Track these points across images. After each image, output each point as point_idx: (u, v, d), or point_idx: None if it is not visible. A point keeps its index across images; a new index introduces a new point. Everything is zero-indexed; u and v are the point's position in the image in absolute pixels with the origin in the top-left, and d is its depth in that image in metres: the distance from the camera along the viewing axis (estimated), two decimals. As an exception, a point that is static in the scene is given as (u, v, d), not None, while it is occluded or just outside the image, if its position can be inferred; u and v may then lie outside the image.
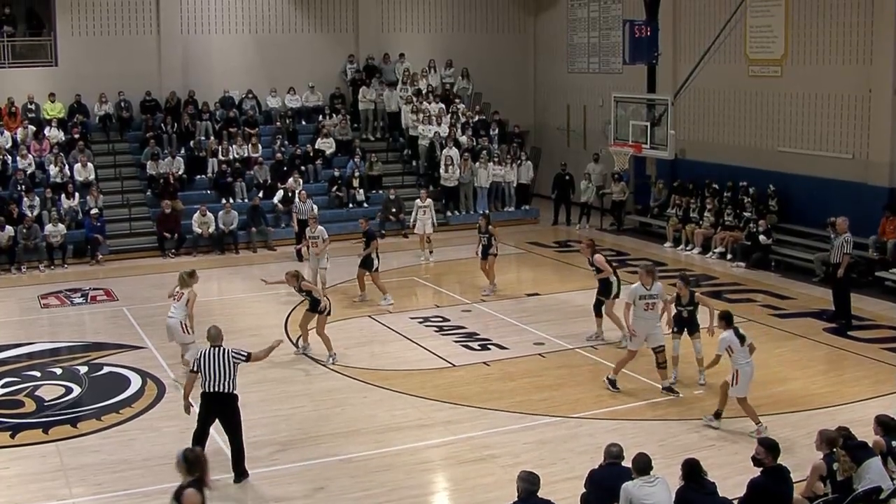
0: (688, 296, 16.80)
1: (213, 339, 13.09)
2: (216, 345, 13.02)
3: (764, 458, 10.62)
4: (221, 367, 12.77)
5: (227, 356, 12.88)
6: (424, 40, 36.30)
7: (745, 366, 14.24)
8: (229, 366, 12.83)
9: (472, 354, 18.54)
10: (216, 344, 13.03)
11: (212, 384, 12.78)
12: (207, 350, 12.99)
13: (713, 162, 29.36)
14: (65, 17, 31.41)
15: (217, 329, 13.24)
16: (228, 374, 12.80)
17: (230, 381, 12.82)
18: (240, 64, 33.69)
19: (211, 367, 12.80)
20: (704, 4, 29.81)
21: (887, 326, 20.24)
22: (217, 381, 12.76)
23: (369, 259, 22.03)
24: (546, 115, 37.79)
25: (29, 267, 26.30)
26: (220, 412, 12.95)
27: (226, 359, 12.84)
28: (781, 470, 10.59)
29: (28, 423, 15.20)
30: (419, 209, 27.29)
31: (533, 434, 14.59)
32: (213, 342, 13.06)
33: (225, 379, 12.77)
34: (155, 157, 29.86)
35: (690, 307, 16.78)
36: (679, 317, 16.82)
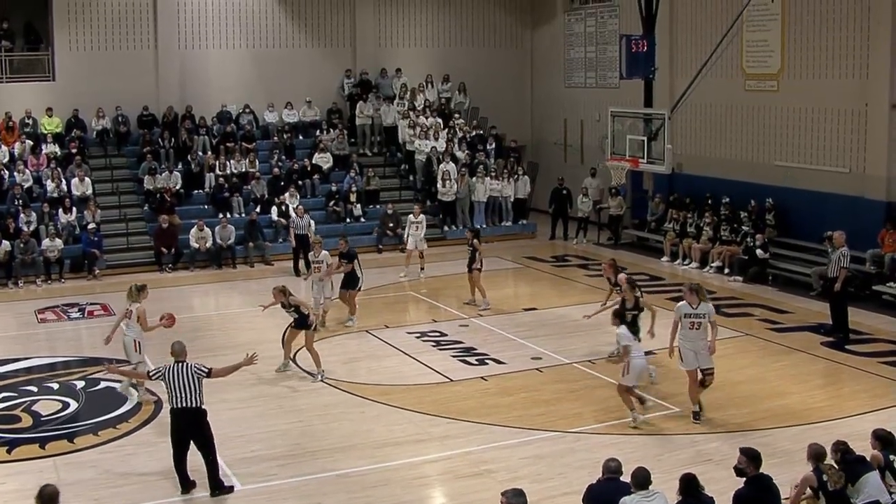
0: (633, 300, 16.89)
1: (176, 355, 12.97)
2: (179, 360, 12.89)
3: (746, 467, 10.63)
4: (186, 383, 12.67)
5: (190, 371, 12.76)
6: (421, 55, 36.36)
7: (637, 358, 15.11)
8: (194, 381, 12.71)
9: (469, 369, 18.51)
10: (179, 359, 12.90)
11: (178, 400, 12.69)
12: (172, 366, 12.87)
13: (710, 176, 29.37)
14: (62, 31, 31.46)
15: (181, 344, 13.15)
16: (194, 389, 12.68)
17: (196, 395, 12.71)
18: (237, 79, 33.74)
19: (176, 382, 12.69)
20: (701, 19, 29.88)
21: (885, 340, 20.22)
22: (183, 397, 12.66)
23: (354, 278, 21.54)
24: (543, 129, 37.84)
25: (26, 281, 26.28)
26: (188, 428, 12.81)
27: (189, 374, 12.73)
28: (763, 478, 10.58)
29: (25, 438, 15.15)
30: (412, 224, 26.93)
31: (530, 449, 14.56)
32: (177, 357, 12.93)
33: (191, 394, 12.66)
34: (152, 172, 29.88)
35: (635, 312, 16.83)
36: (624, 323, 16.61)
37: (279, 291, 17.95)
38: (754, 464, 10.59)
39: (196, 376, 12.74)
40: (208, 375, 12.92)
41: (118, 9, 32.00)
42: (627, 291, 16.84)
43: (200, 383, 12.80)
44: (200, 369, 12.84)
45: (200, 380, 12.80)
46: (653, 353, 19.18)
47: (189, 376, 12.70)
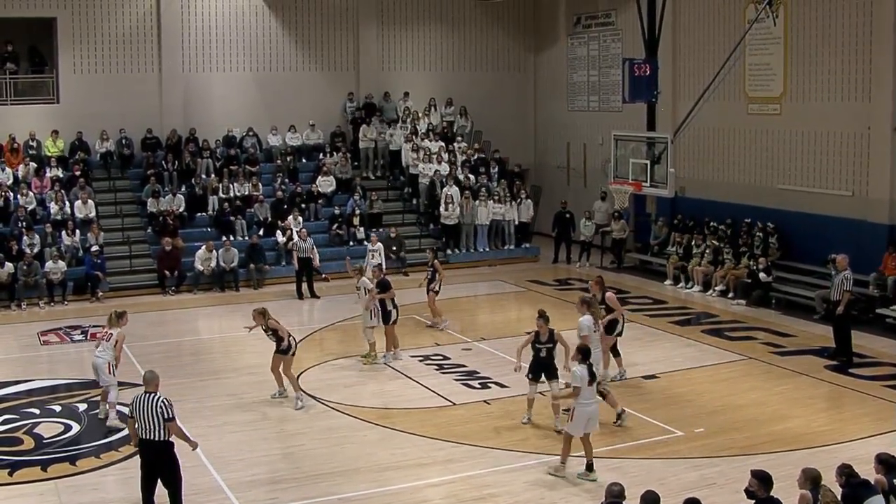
0: (547, 334, 16.29)
1: (146, 384, 12.50)
2: (148, 391, 12.38)
3: (756, 490, 10.59)
4: (152, 415, 12.18)
5: (156, 405, 12.21)
6: (425, 78, 36.45)
7: (584, 406, 14.04)
8: (158, 415, 12.18)
9: (472, 393, 18.47)
10: (148, 390, 12.39)
11: (144, 431, 12.27)
12: (141, 395, 12.41)
13: (713, 200, 29.40)
14: (67, 54, 31.57)
15: (152, 373, 12.67)
16: (158, 424, 12.18)
17: (160, 429, 12.21)
18: (240, 102, 33.82)
19: (142, 413, 12.25)
20: (703, 43, 29.96)
21: (888, 364, 20.18)
22: (149, 429, 12.22)
23: (385, 311, 20.77)
24: (546, 153, 37.89)
25: (29, 303, 26.27)
26: (153, 461, 12.40)
27: (155, 407, 12.19)
28: (774, 502, 10.54)
29: (27, 460, 15.12)
30: (369, 252, 26.33)
31: (533, 473, 14.51)
32: (146, 387, 12.45)
33: (155, 427, 12.20)
34: (156, 195, 29.92)
35: (549, 345, 16.31)
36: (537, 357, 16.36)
37: (259, 314, 17.64)
38: (765, 486, 10.55)
39: (160, 413, 12.19)
40: (168, 421, 12.24)
41: (122, 32, 32.12)
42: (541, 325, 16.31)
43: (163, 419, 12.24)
44: (165, 409, 12.21)
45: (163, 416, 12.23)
46: (656, 377, 19.21)
47: (154, 410, 12.19)
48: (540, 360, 16.28)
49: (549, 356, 16.26)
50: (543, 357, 16.27)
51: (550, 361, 16.28)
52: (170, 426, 12.26)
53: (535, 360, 16.34)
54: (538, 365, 16.33)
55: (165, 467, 12.42)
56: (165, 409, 12.22)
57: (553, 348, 16.31)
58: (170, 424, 12.25)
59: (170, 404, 12.32)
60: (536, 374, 16.39)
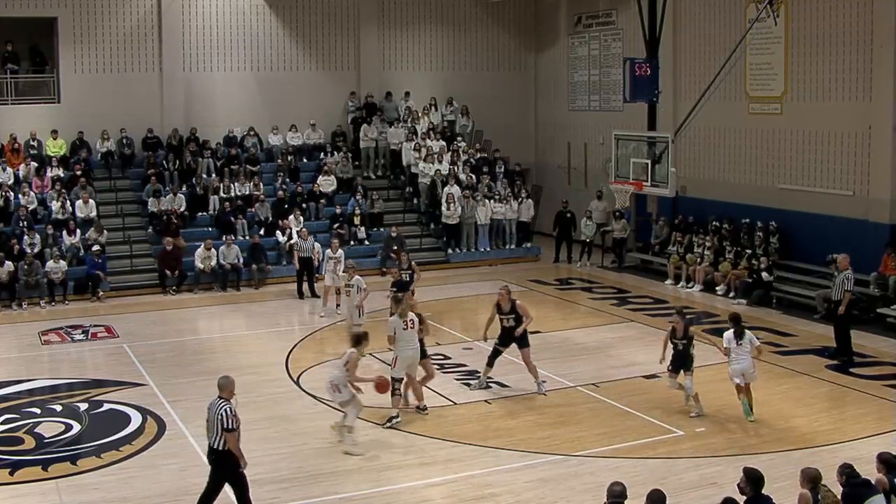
0: (682, 330, 17.07)
1: (219, 389, 12.38)
2: (220, 396, 12.29)
3: (745, 487, 10.58)
4: (214, 421, 12.10)
5: (218, 412, 12.06)
6: (426, 78, 36.46)
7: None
8: (219, 422, 12.02)
9: (473, 392, 18.46)
10: (220, 395, 12.29)
11: (209, 436, 12.26)
12: (213, 400, 12.35)
13: (714, 199, 29.41)
14: (68, 54, 31.59)
15: (226, 379, 12.49)
16: (218, 430, 12.04)
17: (219, 437, 12.04)
18: (241, 101, 33.83)
19: (209, 418, 12.24)
20: (704, 42, 29.97)
21: (889, 363, 20.17)
22: (210, 435, 12.20)
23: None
24: (547, 152, 37.89)
25: (30, 303, 26.26)
26: (215, 468, 12.31)
27: (216, 414, 12.06)
28: (762, 501, 10.52)
29: (28, 460, 15.13)
30: (329, 260, 25.04)
31: (534, 472, 14.51)
32: (219, 392, 12.34)
33: (215, 433, 12.07)
34: (156, 195, 29.93)
35: (684, 340, 16.98)
36: (676, 351, 17.08)
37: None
38: (753, 486, 10.53)
39: (221, 421, 11.99)
40: (226, 431, 11.99)
41: (123, 32, 32.14)
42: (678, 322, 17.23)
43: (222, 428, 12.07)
44: (225, 419, 11.99)
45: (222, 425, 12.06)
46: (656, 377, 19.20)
47: (217, 416, 12.04)
48: (678, 353, 17.03)
49: (685, 350, 16.96)
50: (681, 350, 16.99)
51: (687, 355, 16.96)
52: (227, 436, 12.02)
53: (674, 353, 17.12)
54: (677, 358, 17.07)
55: (230, 477, 12.28)
56: (226, 418, 12.00)
57: (688, 344, 16.97)
58: (228, 435, 12.01)
59: (232, 415, 12.07)
60: (676, 367, 17.14)
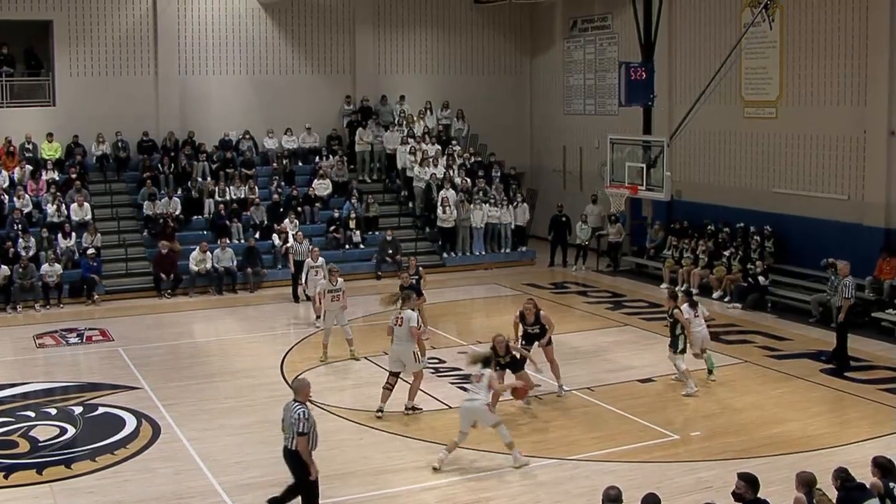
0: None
1: (294, 392, 12.46)
2: (295, 399, 12.32)
3: (744, 492, 10.57)
4: (289, 423, 12.20)
5: (292, 415, 12.13)
6: (421, 82, 36.46)
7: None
8: (291, 424, 12.13)
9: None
10: (295, 398, 12.34)
11: (285, 437, 12.32)
12: (289, 402, 12.40)
13: (709, 203, 29.42)
14: (63, 57, 31.56)
15: (301, 382, 12.58)
16: (293, 433, 12.12)
17: (293, 439, 12.15)
18: (237, 105, 33.80)
19: (285, 420, 12.29)
20: (700, 47, 30.00)
21: (884, 367, 20.18)
22: (286, 436, 12.26)
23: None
24: (542, 156, 37.90)
25: (25, 306, 26.22)
26: (290, 468, 12.43)
27: (291, 416, 12.14)
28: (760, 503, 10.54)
29: (22, 463, 15.11)
30: (311, 269, 24.42)
31: (530, 476, 14.51)
32: (294, 395, 12.40)
33: (290, 435, 12.17)
34: (152, 198, 29.90)
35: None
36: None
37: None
38: (752, 488, 10.54)
39: (294, 424, 12.07)
40: (299, 434, 12.06)
41: (119, 34, 32.11)
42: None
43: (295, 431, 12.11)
44: (299, 422, 12.04)
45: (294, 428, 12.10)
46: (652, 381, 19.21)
47: (290, 419, 12.13)
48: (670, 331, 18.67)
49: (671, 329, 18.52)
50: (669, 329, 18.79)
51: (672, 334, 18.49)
52: (298, 440, 12.08)
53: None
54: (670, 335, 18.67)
55: (293, 473, 12.37)
56: (299, 422, 12.04)
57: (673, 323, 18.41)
58: (299, 438, 12.07)
59: (306, 419, 12.08)
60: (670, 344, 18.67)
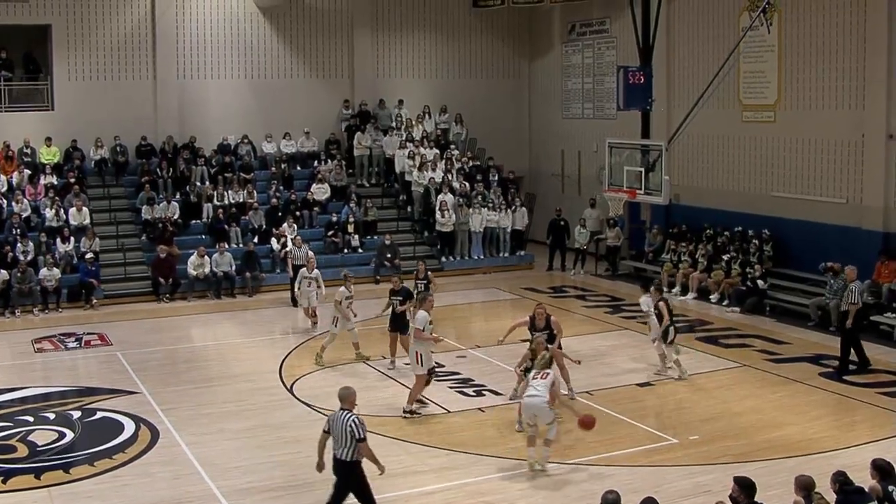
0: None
1: (341, 400, 12.38)
2: (343, 408, 12.24)
3: (738, 496, 10.58)
4: (341, 433, 12.05)
5: (347, 424, 12.03)
6: (419, 86, 36.47)
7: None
8: (347, 434, 12.01)
9: (466, 400, 18.46)
10: (343, 407, 12.25)
11: (335, 447, 12.19)
12: (336, 412, 12.31)
13: (708, 207, 29.43)
14: (62, 61, 31.56)
15: (347, 390, 12.51)
16: (346, 442, 12.02)
17: (347, 448, 12.04)
18: (235, 109, 33.80)
19: (334, 430, 12.18)
20: (698, 51, 30.01)
21: (883, 371, 20.17)
22: (337, 446, 12.14)
23: (406, 320, 20.49)
24: (540, 160, 37.91)
25: (23, 311, 26.20)
26: (341, 478, 12.30)
27: (345, 426, 12.02)
28: None
29: (20, 468, 15.09)
30: (304, 280, 24.18)
31: (527, 480, 14.49)
32: (341, 404, 12.33)
33: (342, 445, 12.05)
34: (150, 202, 29.90)
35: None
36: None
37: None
38: (746, 493, 10.53)
39: (350, 432, 11.98)
40: (358, 441, 12.00)
41: (117, 39, 32.11)
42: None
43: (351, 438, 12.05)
44: (356, 429, 11.98)
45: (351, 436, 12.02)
46: (650, 385, 19.21)
47: (345, 428, 12.02)
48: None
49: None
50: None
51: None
52: (360, 446, 12.02)
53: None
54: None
55: (355, 487, 12.25)
56: (356, 428, 11.98)
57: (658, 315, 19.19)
58: (360, 445, 12.01)
59: (361, 424, 12.06)
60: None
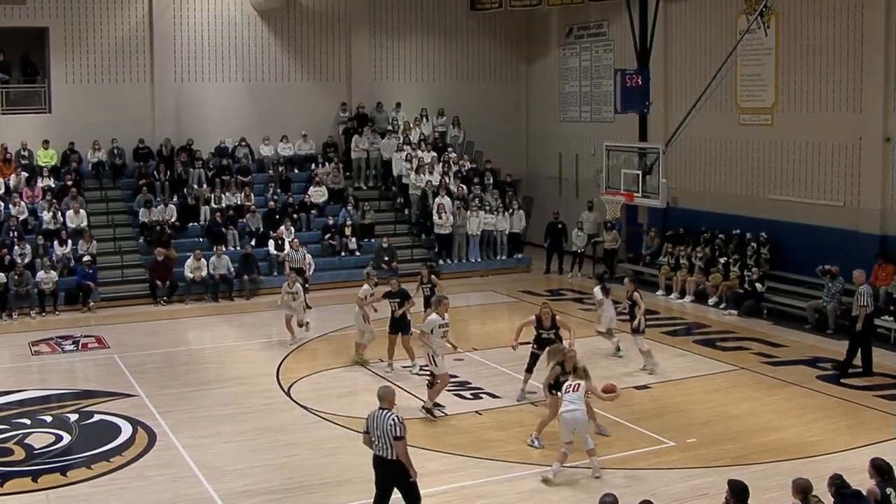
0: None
1: (380, 400, 12.38)
2: (382, 407, 12.24)
3: (729, 499, 10.58)
4: (382, 431, 12.03)
5: (386, 422, 12.03)
6: (417, 89, 36.48)
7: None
8: (386, 431, 12.01)
9: (464, 403, 18.45)
10: (382, 406, 12.25)
11: (376, 447, 12.17)
12: (375, 411, 12.26)
13: (705, 210, 29.44)
14: (59, 64, 31.54)
15: (386, 389, 12.54)
16: (387, 440, 12.00)
17: (390, 447, 12.01)
18: (233, 112, 33.78)
19: (375, 429, 12.13)
20: (695, 53, 30.03)
21: (880, 374, 20.17)
22: (379, 446, 12.11)
23: (404, 321, 20.81)
24: (538, 163, 37.92)
25: (20, 314, 26.18)
26: (386, 477, 12.26)
27: (385, 424, 12.02)
28: None
29: (17, 471, 15.07)
30: (287, 294, 23.27)
31: (525, 483, 14.50)
32: (380, 403, 12.32)
33: (385, 444, 12.03)
34: (148, 205, 29.89)
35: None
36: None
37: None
38: (737, 497, 10.53)
39: (390, 431, 11.97)
40: (396, 439, 11.98)
41: (115, 42, 32.10)
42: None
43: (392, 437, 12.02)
44: (395, 428, 11.97)
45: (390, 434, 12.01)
46: (648, 388, 19.23)
47: (385, 427, 12.01)
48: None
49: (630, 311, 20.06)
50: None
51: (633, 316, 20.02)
52: (397, 444, 11.98)
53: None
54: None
55: (396, 483, 12.24)
56: (396, 427, 11.98)
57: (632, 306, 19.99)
58: (397, 443, 11.98)
59: (401, 423, 12.05)
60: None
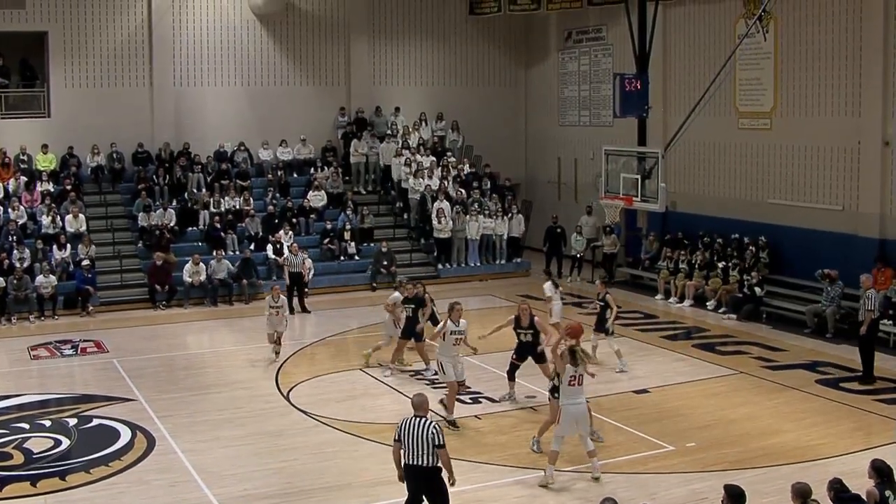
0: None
1: (415, 408, 12.14)
2: (418, 415, 12.03)
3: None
4: (420, 440, 11.82)
5: (427, 430, 11.85)
6: (416, 93, 36.48)
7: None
8: (427, 440, 11.82)
9: (463, 407, 18.42)
10: (417, 414, 12.05)
11: (411, 456, 11.96)
12: (409, 419, 12.02)
13: (704, 214, 29.45)
14: (58, 68, 31.55)
15: (421, 397, 12.34)
16: (426, 448, 11.82)
17: (428, 455, 11.83)
18: (232, 116, 33.79)
19: (410, 437, 11.93)
20: (694, 58, 30.06)
21: (879, 378, 20.16)
22: (415, 454, 11.96)
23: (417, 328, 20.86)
24: (537, 167, 37.92)
25: (19, 318, 26.17)
26: (421, 486, 12.08)
27: (426, 432, 11.83)
28: None
29: (16, 475, 15.06)
30: (272, 308, 22.17)
31: (525, 488, 14.49)
32: (416, 411, 12.10)
33: (422, 452, 11.83)
34: (147, 209, 29.89)
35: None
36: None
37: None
38: (733, 502, 10.52)
39: (431, 438, 11.81)
40: (438, 447, 11.83)
41: (114, 46, 32.12)
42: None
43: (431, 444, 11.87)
44: (436, 436, 11.83)
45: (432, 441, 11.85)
46: (647, 392, 19.23)
47: (424, 435, 11.82)
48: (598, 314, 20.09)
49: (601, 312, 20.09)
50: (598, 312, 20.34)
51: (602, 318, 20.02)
52: (440, 452, 11.88)
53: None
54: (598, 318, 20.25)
55: (434, 493, 12.08)
56: (437, 435, 11.87)
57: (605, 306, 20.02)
58: (440, 451, 11.87)
59: (440, 430, 11.98)
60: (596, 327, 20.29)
